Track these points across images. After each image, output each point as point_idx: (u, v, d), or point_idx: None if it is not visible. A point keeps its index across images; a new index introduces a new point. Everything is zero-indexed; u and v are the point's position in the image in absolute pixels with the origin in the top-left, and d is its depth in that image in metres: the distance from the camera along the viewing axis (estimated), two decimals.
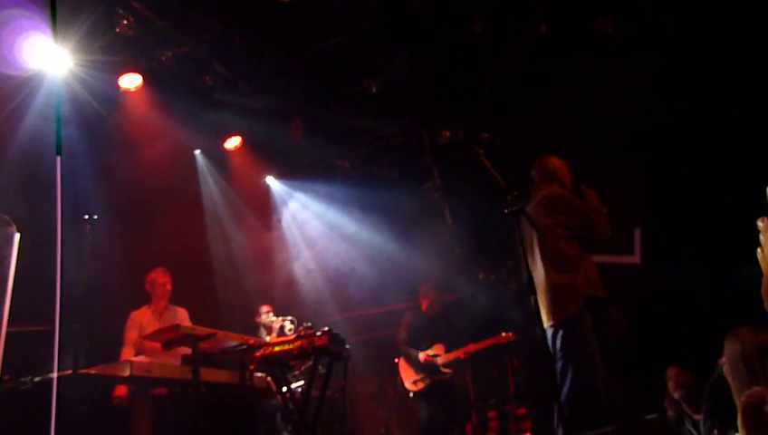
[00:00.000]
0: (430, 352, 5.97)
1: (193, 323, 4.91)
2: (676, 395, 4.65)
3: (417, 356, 5.95)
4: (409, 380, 6.01)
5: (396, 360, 6.30)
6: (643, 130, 6.21)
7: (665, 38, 5.51)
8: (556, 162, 4.20)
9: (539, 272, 3.89)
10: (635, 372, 5.00)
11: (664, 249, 6.24)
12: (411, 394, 6.00)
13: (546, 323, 3.80)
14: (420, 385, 5.93)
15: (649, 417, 3.40)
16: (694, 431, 4.43)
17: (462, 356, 5.89)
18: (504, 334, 5.99)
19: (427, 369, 5.92)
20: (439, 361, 5.91)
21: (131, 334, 4.98)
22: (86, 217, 3.95)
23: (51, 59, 4.57)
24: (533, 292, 3.30)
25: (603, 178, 4.07)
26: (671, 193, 6.20)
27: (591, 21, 5.40)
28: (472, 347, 5.92)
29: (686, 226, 6.01)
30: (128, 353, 4.87)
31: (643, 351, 5.68)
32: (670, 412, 4.81)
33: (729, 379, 2.63)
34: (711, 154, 5.85)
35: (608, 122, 6.16)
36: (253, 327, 6.34)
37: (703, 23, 5.33)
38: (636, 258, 6.44)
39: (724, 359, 4.73)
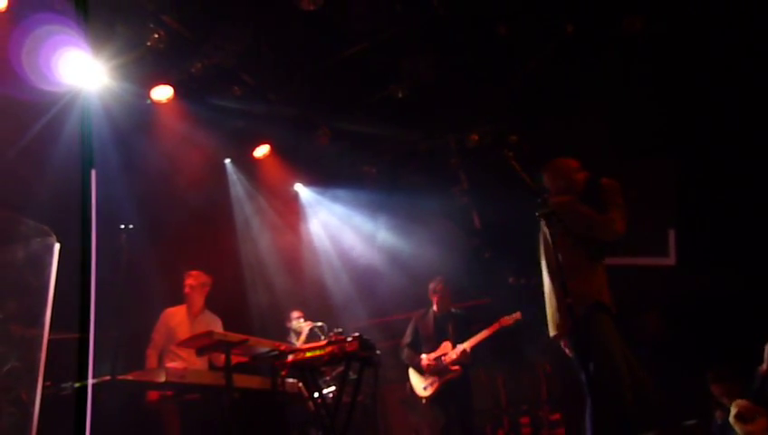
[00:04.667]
0: (433, 354, 5.81)
1: (224, 329, 4.98)
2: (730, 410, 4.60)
3: (418, 363, 5.81)
4: (419, 386, 5.85)
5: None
6: (676, 128, 6.09)
7: (695, 35, 5.40)
8: (565, 163, 4.08)
9: (545, 280, 3.87)
10: (672, 377, 4.88)
11: (699, 250, 6.09)
12: (424, 401, 5.83)
13: (552, 331, 3.77)
14: (431, 390, 5.75)
15: (689, 423, 3.32)
16: None
17: (468, 350, 5.71)
18: (505, 317, 5.84)
19: (434, 372, 5.77)
20: (446, 359, 5.74)
21: (158, 336, 5.09)
22: (122, 226, 4.04)
23: (85, 73, 4.71)
24: (567, 295, 3.25)
25: (635, 178, 3.96)
26: (705, 192, 6.05)
27: (619, 19, 5.33)
28: (476, 338, 5.77)
29: (722, 225, 5.85)
30: (152, 355, 5.00)
31: (680, 355, 5.54)
32: (718, 414, 4.72)
33: None
34: (746, 152, 5.70)
35: (639, 122, 6.05)
36: (284, 332, 6.40)
37: (736, 18, 5.20)
38: (671, 260, 6.30)
39: (764, 365, 4.64)
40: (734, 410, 4.37)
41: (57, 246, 2.58)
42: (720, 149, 5.88)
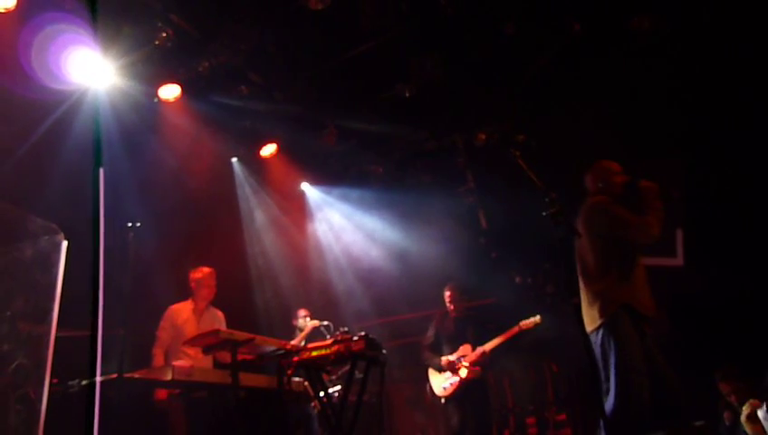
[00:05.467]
0: (453, 356, 5.90)
1: (231, 328, 4.98)
2: (740, 410, 4.56)
3: (438, 363, 5.92)
4: (439, 385, 5.98)
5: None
6: (684, 128, 6.05)
7: (703, 34, 5.37)
8: (605, 165, 4.08)
9: (579, 279, 3.85)
10: (680, 377, 4.86)
11: (707, 250, 6.05)
12: (443, 400, 5.94)
13: (587, 328, 3.74)
14: (450, 389, 5.87)
15: (697, 423, 3.30)
16: None
17: (487, 351, 5.79)
18: (524, 321, 5.87)
19: (454, 371, 5.87)
20: (465, 360, 5.84)
21: (164, 334, 5.06)
22: (129, 224, 4.05)
23: (93, 72, 4.73)
24: (573, 294, 3.24)
25: (643, 177, 3.96)
26: (713, 192, 6.01)
27: (627, 19, 5.31)
28: (496, 341, 5.83)
29: (730, 225, 5.82)
30: (159, 353, 4.98)
31: (688, 355, 5.51)
32: (726, 414, 4.69)
33: None
34: (754, 152, 5.66)
35: (647, 121, 6.02)
36: (291, 331, 6.41)
37: (745, 18, 5.17)
38: (678, 260, 6.27)
39: None
40: (746, 410, 4.33)
41: (65, 244, 2.59)
42: (728, 149, 5.85)
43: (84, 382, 3.56)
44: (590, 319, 3.69)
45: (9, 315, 2.64)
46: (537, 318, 5.88)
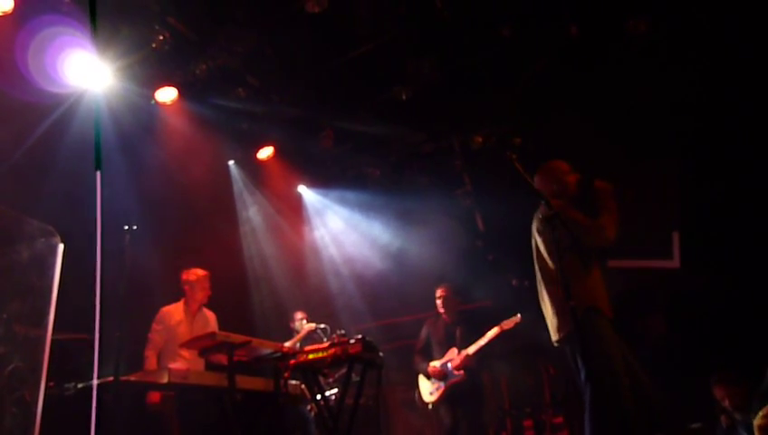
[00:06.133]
0: (439, 362, 5.91)
1: (228, 330, 4.97)
2: (734, 415, 4.54)
3: (425, 369, 5.94)
4: (426, 392, 5.99)
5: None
6: (680, 130, 6.07)
7: (700, 36, 5.39)
8: (556, 165, 3.97)
9: (539, 287, 3.81)
10: (676, 380, 4.87)
11: (703, 252, 6.06)
12: (430, 406, 5.96)
13: (554, 336, 3.68)
14: (436, 395, 5.88)
15: (694, 426, 3.29)
16: None
17: (471, 354, 5.77)
18: (505, 321, 5.84)
19: (439, 377, 5.87)
20: (451, 365, 5.83)
21: (157, 336, 5.02)
22: (125, 227, 4.05)
23: (91, 75, 4.73)
24: (570, 298, 3.22)
25: (640, 180, 3.92)
26: (710, 194, 6.03)
27: (623, 22, 5.33)
28: (478, 344, 5.79)
29: (726, 228, 5.83)
30: (151, 356, 4.95)
31: (684, 357, 5.52)
32: (723, 417, 4.68)
33: None
34: (751, 153, 5.68)
35: (643, 123, 6.04)
36: (288, 334, 6.41)
37: (741, 20, 5.19)
38: (675, 262, 6.27)
39: None
40: (760, 422, 4.14)
41: (61, 247, 2.59)
42: (725, 151, 5.87)
43: (80, 385, 3.55)
44: (557, 326, 3.61)
45: (5, 318, 2.63)
46: (517, 317, 5.84)
